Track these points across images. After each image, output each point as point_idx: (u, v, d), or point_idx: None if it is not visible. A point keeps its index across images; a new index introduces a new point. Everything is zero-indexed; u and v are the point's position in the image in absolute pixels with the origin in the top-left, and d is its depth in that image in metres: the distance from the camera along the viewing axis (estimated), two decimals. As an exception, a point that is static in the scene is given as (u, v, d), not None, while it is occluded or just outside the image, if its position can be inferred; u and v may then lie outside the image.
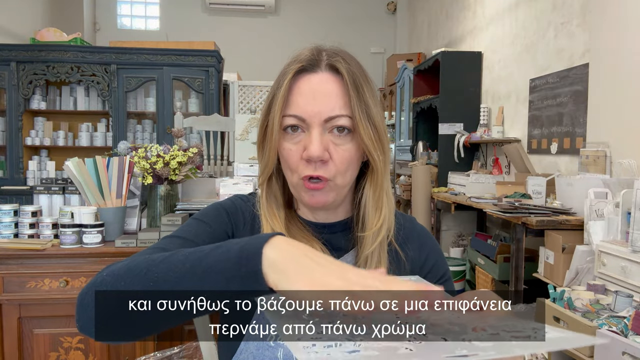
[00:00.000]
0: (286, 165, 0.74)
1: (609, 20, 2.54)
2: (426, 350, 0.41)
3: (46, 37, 4.44)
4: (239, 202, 0.82)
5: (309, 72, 0.72)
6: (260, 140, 0.77)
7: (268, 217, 0.77)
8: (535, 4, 3.33)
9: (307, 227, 0.79)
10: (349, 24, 6.76)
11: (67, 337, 1.73)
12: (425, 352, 0.41)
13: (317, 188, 0.72)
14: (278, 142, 0.73)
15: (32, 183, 4.35)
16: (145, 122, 4.61)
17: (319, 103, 0.70)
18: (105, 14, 6.65)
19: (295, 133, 0.72)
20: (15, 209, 1.86)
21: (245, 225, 0.80)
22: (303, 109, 0.70)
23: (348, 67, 0.72)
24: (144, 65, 4.43)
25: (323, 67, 0.72)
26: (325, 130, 0.71)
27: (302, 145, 0.71)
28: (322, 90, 0.71)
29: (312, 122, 0.70)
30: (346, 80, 0.71)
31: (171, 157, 1.85)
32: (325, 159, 0.70)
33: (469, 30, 4.48)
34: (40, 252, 1.71)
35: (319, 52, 0.74)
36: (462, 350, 0.40)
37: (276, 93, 0.73)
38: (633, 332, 1.52)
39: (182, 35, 5.72)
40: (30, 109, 4.46)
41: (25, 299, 1.69)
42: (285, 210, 0.79)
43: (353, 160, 0.73)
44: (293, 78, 0.72)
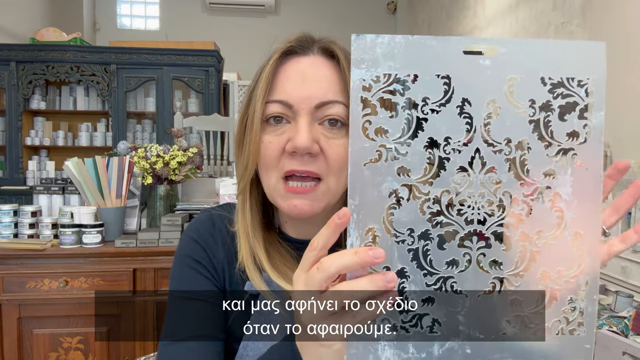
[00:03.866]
0: (263, 164, 0.61)
1: (609, 20, 2.54)
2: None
3: (46, 37, 4.44)
4: (208, 224, 0.69)
5: (299, 54, 0.61)
6: (238, 138, 0.64)
7: (250, 237, 0.64)
8: (535, 4, 3.32)
9: (290, 252, 0.66)
10: (349, 24, 6.76)
11: (66, 337, 1.73)
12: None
13: (304, 192, 0.59)
14: (259, 135, 0.60)
15: (32, 183, 4.35)
16: (145, 122, 4.61)
17: (308, 87, 0.59)
18: (105, 14, 6.64)
19: (279, 125, 0.60)
20: (14, 209, 1.86)
21: (224, 245, 0.68)
22: (290, 94, 0.59)
23: (344, 50, 0.61)
24: (143, 65, 4.43)
25: (315, 49, 0.62)
26: (315, 120, 0.59)
27: (285, 137, 0.59)
28: (313, 75, 0.59)
29: (300, 110, 0.58)
30: (342, 64, 0.60)
31: (171, 157, 1.85)
32: (314, 151, 0.58)
33: (469, 30, 4.48)
34: (40, 252, 1.71)
35: (310, 35, 0.64)
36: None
37: (259, 78, 0.61)
38: (633, 332, 1.52)
39: (182, 35, 5.71)
40: (29, 109, 4.46)
41: (24, 299, 1.69)
42: (264, 229, 0.66)
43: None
44: (279, 60, 0.61)
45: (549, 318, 0.41)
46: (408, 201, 0.40)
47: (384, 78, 0.39)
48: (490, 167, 0.40)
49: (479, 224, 0.40)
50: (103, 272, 1.71)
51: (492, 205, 0.40)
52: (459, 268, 0.41)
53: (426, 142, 0.39)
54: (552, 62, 0.39)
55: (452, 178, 0.40)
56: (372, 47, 0.39)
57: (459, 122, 0.39)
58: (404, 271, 0.41)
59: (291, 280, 0.62)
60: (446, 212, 0.40)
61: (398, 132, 0.39)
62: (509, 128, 0.39)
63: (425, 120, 0.39)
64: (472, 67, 0.39)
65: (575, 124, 0.39)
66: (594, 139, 0.39)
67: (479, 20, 4.26)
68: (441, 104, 0.39)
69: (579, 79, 0.39)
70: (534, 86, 0.39)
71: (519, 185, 0.40)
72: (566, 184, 0.40)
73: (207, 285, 0.66)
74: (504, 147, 0.39)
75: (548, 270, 0.41)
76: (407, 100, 0.39)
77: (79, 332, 1.73)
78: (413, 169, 0.40)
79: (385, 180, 0.40)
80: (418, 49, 0.39)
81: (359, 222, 0.40)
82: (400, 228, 0.40)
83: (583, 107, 0.39)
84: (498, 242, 0.40)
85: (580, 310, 0.41)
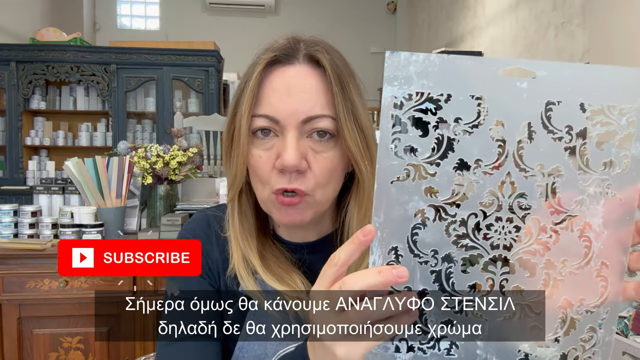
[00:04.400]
0: (255, 176, 0.61)
1: (609, 20, 2.54)
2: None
3: (46, 37, 4.44)
4: (203, 225, 0.70)
5: (284, 63, 0.60)
6: (226, 147, 0.64)
7: (240, 242, 0.64)
8: (535, 4, 3.32)
9: (284, 253, 0.67)
10: (349, 24, 6.76)
11: (66, 337, 1.73)
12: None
13: (292, 203, 0.59)
14: (247, 148, 0.60)
15: (32, 183, 4.34)
16: (145, 122, 4.61)
17: (295, 100, 0.58)
18: (105, 14, 6.64)
19: (267, 137, 0.60)
20: (15, 209, 1.86)
21: (219, 246, 0.68)
22: (276, 108, 0.58)
23: (331, 59, 0.59)
24: (143, 65, 4.43)
25: (301, 58, 0.60)
26: (303, 134, 0.59)
27: (274, 152, 0.59)
28: (299, 86, 0.58)
29: (287, 124, 0.58)
30: (329, 74, 0.58)
31: (171, 157, 1.85)
32: (302, 168, 0.58)
33: (469, 30, 4.48)
34: (40, 252, 1.71)
35: (296, 41, 0.62)
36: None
37: (244, 89, 0.60)
38: (633, 332, 1.52)
39: (182, 35, 5.71)
40: (30, 109, 4.46)
41: (25, 299, 1.69)
42: (259, 233, 0.67)
43: (336, 170, 0.61)
44: (264, 71, 0.60)
45: (565, 346, 0.41)
46: (434, 222, 0.39)
47: (417, 96, 0.38)
48: (521, 192, 0.39)
49: (505, 250, 0.39)
50: (103, 272, 1.71)
51: (519, 232, 0.39)
52: (480, 292, 0.40)
53: (456, 163, 0.39)
54: (592, 87, 0.38)
55: (481, 201, 0.39)
56: (406, 65, 0.39)
57: (491, 145, 0.38)
58: (425, 292, 0.40)
59: (284, 281, 0.62)
60: (472, 236, 0.39)
61: (427, 151, 0.39)
62: (542, 154, 0.38)
63: (457, 141, 0.38)
64: (508, 89, 0.38)
65: (613, 153, 0.38)
66: (633, 169, 0.38)
67: (479, 20, 4.26)
68: (474, 126, 0.38)
69: (621, 107, 0.38)
70: (572, 112, 0.38)
71: (549, 212, 0.39)
72: (597, 215, 0.39)
73: (203, 285, 0.66)
74: (537, 172, 0.38)
75: (569, 299, 0.40)
76: (439, 119, 0.38)
77: (79, 332, 1.73)
78: (441, 190, 0.39)
79: (411, 200, 0.39)
80: (453, 68, 0.38)
81: (383, 241, 0.39)
82: (424, 249, 0.40)
83: (623, 137, 0.38)
84: (522, 269, 0.40)
85: (597, 340, 0.41)
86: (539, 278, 0.40)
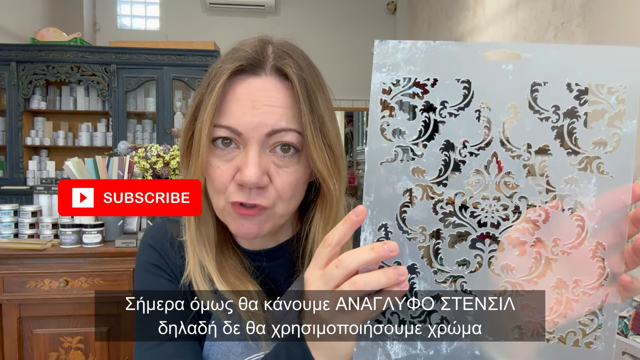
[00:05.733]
0: (212, 186, 0.58)
1: (609, 20, 2.54)
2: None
3: (46, 37, 4.44)
4: (163, 230, 0.68)
5: (249, 74, 0.57)
6: (183, 150, 0.61)
7: (197, 248, 0.62)
8: (535, 4, 3.33)
9: (243, 262, 0.65)
10: (348, 24, 6.76)
11: (67, 337, 1.73)
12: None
13: (249, 215, 0.57)
14: (206, 158, 0.57)
15: (32, 183, 4.34)
16: (145, 122, 4.61)
17: (260, 113, 0.55)
18: (105, 14, 6.64)
19: (228, 148, 0.57)
20: (15, 209, 1.86)
21: (180, 251, 0.66)
22: (239, 120, 0.55)
23: (299, 73, 0.57)
24: (144, 65, 4.43)
25: (268, 69, 0.57)
26: (265, 148, 0.56)
27: (234, 165, 0.56)
28: (264, 99, 0.55)
29: (250, 138, 0.55)
30: (297, 89, 0.56)
31: (171, 157, 1.85)
32: (263, 185, 0.56)
33: (469, 30, 4.48)
34: (40, 252, 1.71)
35: (264, 49, 0.58)
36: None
37: (205, 96, 0.57)
38: (633, 332, 1.53)
39: (182, 35, 5.71)
40: (30, 109, 4.46)
41: (25, 299, 1.69)
42: (219, 241, 0.64)
43: (299, 184, 0.58)
44: (228, 80, 0.56)
45: (563, 328, 0.40)
46: (421, 200, 0.41)
47: (404, 82, 0.40)
48: (507, 171, 0.39)
49: (492, 227, 0.40)
50: (103, 272, 1.71)
51: (507, 210, 0.40)
52: (469, 269, 0.41)
53: (442, 144, 0.40)
54: (580, 67, 0.38)
55: (467, 180, 0.40)
56: (394, 53, 0.40)
57: (476, 126, 0.39)
58: (414, 267, 0.41)
59: (239, 292, 0.60)
60: (459, 214, 0.40)
61: (415, 133, 0.40)
62: (529, 134, 0.39)
63: (443, 123, 0.40)
64: (493, 72, 0.39)
65: (603, 131, 0.38)
66: (624, 148, 0.38)
67: (478, 21, 4.26)
68: (459, 108, 0.39)
69: (610, 85, 0.38)
70: (559, 92, 0.38)
71: (537, 192, 0.39)
72: (589, 193, 0.39)
73: (170, 287, 0.66)
74: (523, 152, 0.39)
75: (564, 279, 0.40)
76: (426, 103, 0.40)
77: (79, 332, 1.73)
78: (428, 170, 0.40)
79: (400, 180, 0.41)
80: (439, 54, 0.40)
81: (373, 218, 0.41)
82: (412, 225, 0.41)
83: (613, 115, 0.38)
84: (511, 247, 0.40)
85: (598, 324, 0.40)
86: (529, 256, 0.40)
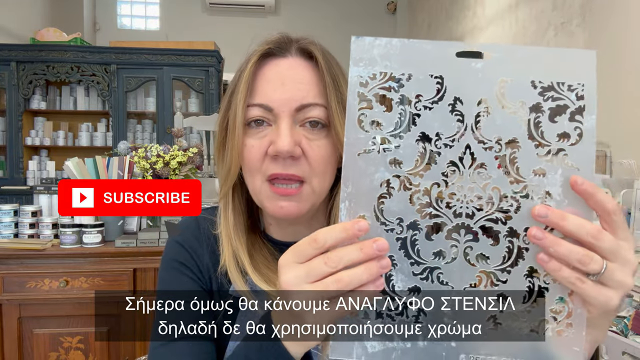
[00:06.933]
0: (247, 167, 0.61)
1: (609, 20, 2.54)
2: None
3: (46, 37, 4.44)
4: (193, 227, 0.69)
5: (277, 56, 0.61)
6: (219, 142, 0.64)
7: (232, 239, 0.63)
8: (535, 4, 3.33)
9: (274, 253, 0.65)
10: (348, 24, 6.76)
11: (67, 337, 1.73)
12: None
13: (288, 194, 0.59)
14: (242, 139, 0.60)
15: (32, 183, 4.34)
16: (145, 122, 4.62)
17: (289, 89, 0.59)
18: (105, 14, 6.64)
19: (260, 127, 0.60)
20: (15, 209, 1.86)
21: (209, 247, 0.67)
22: (270, 97, 0.59)
23: (323, 52, 0.61)
24: (144, 65, 4.43)
25: (293, 51, 0.61)
26: (296, 122, 0.59)
27: (267, 141, 0.59)
28: (292, 76, 0.60)
29: (281, 112, 0.58)
30: (321, 65, 0.60)
31: (171, 157, 1.85)
32: (296, 154, 0.58)
33: (469, 30, 4.48)
34: (40, 252, 1.71)
35: (288, 35, 0.63)
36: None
37: (238, 82, 0.61)
38: (633, 332, 1.52)
39: (182, 35, 5.71)
40: (30, 109, 4.46)
41: (25, 299, 1.69)
42: (249, 232, 0.66)
43: (330, 160, 0.61)
44: (258, 63, 0.61)
45: (535, 317, 0.41)
46: (399, 191, 0.41)
47: (380, 76, 0.41)
48: (480, 163, 0.41)
49: (467, 218, 0.41)
50: (103, 272, 1.71)
51: (481, 200, 0.41)
52: (445, 259, 0.42)
53: (418, 136, 0.41)
54: (542, 67, 0.41)
55: (442, 172, 0.41)
56: (370, 49, 0.41)
57: (450, 119, 0.41)
58: (392, 259, 0.42)
59: (272, 282, 0.61)
60: (435, 204, 0.41)
61: (392, 125, 0.41)
62: (499, 127, 0.40)
63: (418, 116, 0.41)
64: (464, 69, 0.41)
65: (566, 125, 0.40)
66: (586, 140, 0.40)
67: (478, 21, 4.26)
68: (434, 102, 0.41)
69: (569, 83, 0.40)
70: (524, 89, 0.40)
71: (509, 182, 0.41)
72: (556, 184, 0.41)
73: (194, 287, 0.66)
74: (494, 144, 0.41)
75: (536, 268, 0.41)
76: (402, 96, 0.41)
77: (79, 332, 1.73)
78: (405, 161, 0.41)
79: (377, 171, 0.41)
80: (413, 51, 0.41)
81: (351, 209, 0.41)
82: (390, 217, 0.41)
83: (574, 110, 0.40)
84: (485, 237, 0.41)
85: (569, 311, 0.41)
86: (503, 246, 0.41)
